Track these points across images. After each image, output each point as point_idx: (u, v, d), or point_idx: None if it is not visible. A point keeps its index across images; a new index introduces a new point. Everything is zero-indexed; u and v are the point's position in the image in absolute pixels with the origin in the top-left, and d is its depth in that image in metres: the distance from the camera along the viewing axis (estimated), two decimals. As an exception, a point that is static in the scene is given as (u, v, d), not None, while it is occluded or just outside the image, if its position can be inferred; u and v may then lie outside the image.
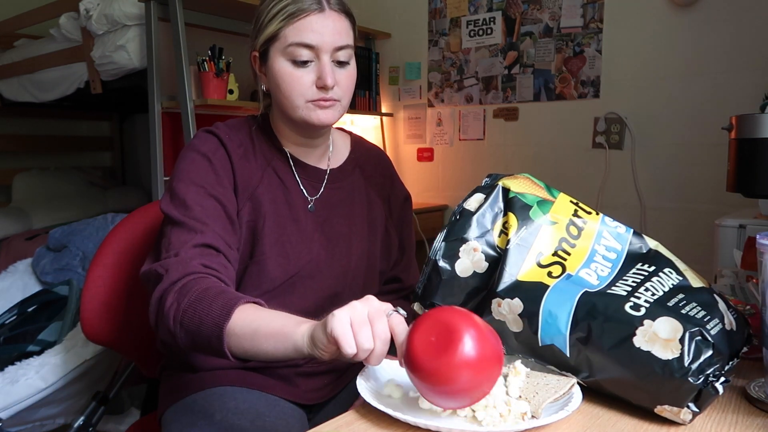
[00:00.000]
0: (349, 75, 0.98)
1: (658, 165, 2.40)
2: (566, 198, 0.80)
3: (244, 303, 0.76)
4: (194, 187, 0.91)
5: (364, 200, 1.10)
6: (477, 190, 0.81)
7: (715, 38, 2.23)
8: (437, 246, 0.77)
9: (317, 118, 0.96)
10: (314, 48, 0.93)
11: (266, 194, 0.98)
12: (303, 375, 1.03)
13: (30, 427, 1.61)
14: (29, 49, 2.74)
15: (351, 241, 1.06)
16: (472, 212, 0.77)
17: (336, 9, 0.95)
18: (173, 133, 2.33)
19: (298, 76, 0.94)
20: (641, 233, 0.80)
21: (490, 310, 0.73)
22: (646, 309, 0.67)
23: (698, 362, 0.62)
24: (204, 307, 0.77)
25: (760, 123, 0.99)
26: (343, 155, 1.12)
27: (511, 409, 0.63)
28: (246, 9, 2.25)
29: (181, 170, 0.94)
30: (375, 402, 0.65)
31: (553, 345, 0.69)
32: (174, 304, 0.79)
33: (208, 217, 0.90)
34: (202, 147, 0.95)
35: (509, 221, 0.75)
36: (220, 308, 0.76)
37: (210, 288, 0.80)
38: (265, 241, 0.96)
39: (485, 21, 2.80)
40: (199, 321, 0.77)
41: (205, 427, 0.91)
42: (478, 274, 0.75)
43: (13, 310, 1.87)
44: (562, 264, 0.74)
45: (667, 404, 0.64)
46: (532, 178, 0.82)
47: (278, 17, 0.93)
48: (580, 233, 0.77)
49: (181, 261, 0.84)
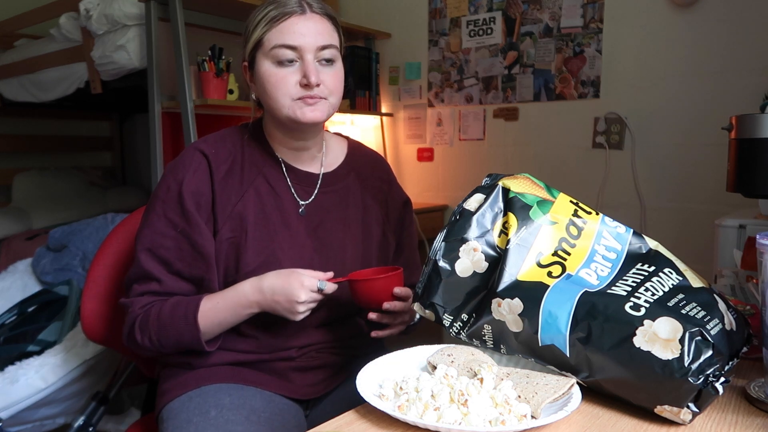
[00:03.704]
0: (335, 74, 0.99)
1: (658, 165, 2.40)
2: (566, 198, 0.80)
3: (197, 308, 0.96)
4: (164, 220, 0.99)
5: (360, 204, 1.11)
6: (477, 190, 0.81)
7: (715, 38, 2.23)
8: (437, 246, 0.77)
9: (304, 116, 0.97)
10: (297, 48, 0.95)
11: (250, 207, 1.01)
12: (298, 370, 1.04)
13: (30, 427, 1.61)
14: (29, 49, 2.74)
15: (345, 245, 1.07)
16: (472, 212, 0.77)
17: (317, 11, 0.97)
18: (173, 133, 2.33)
19: (282, 76, 0.96)
20: (641, 233, 0.80)
21: (490, 310, 0.73)
22: (646, 309, 0.67)
23: (698, 362, 0.62)
24: (172, 332, 0.96)
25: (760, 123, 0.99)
26: (338, 159, 1.12)
27: (511, 409, 0.63)
28: (246, 9, 2.25)
29: (157, 195, 1.01)
30: (375, 402, 0.65)
31: (553, 345, 0.69)
32: (144, 339, 0.98)
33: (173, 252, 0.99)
34: (180, 174, 1.00)
35: (509, 221, 0.75)
36: (185, 324, 0.95)
37: (161, 314, 0.97)
38: (249, 252, 0.99)
39: (485, 21, 2.80)
40: (176, 340, 0.97)
41: (200, 424, 0.92)
42: (478, 274, 0.75)
43: (13, 310, 1.87)
44: (562, 264, 0.74)
45: (667, 404, 0.64)
46: (532, 178, 0.82)
47: (262, 23, 0.96)
48: (580, 233, 0.77)
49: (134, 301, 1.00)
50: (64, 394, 1.57)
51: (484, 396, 0.65)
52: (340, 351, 1.08)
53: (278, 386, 1.02)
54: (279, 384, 1.03)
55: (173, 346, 0.98)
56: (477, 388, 0.66)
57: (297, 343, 1.03)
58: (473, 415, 0.62)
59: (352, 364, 1.09)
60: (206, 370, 1.01)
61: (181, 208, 0.98)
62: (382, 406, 0.65)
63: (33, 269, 2.13)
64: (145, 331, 0.97)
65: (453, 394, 0.65)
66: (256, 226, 1.00)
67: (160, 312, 0.97)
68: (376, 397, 0.68)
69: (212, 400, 0.96)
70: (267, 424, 0.94)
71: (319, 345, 1.06)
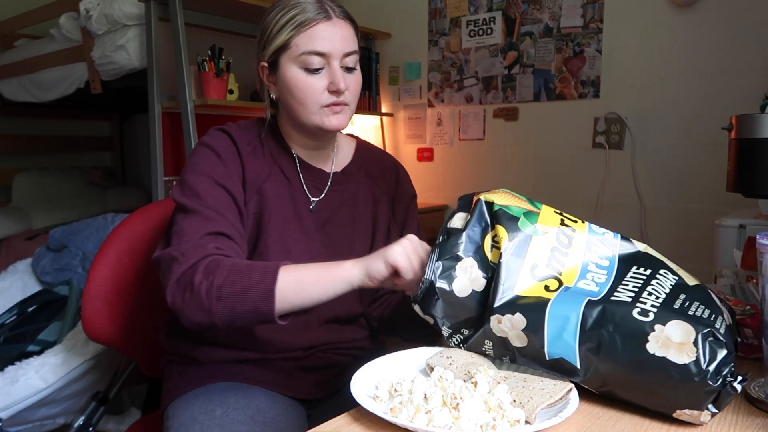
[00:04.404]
0: (357, 79, 1.03)
1: (658, 165, 2.40)
2: (550, 209, 0.79)
3: (283, 264, 0.84)
4: (205, 178, 0.96)
5: (370, 200, 1.13)
6: (457, 210, 0.79)
7: (715, 38, 2.23)
8: (432, 267, 0.74)
9: (330, 123, 1.00)
10: (325, 55, 0.97)
11: (272, 189, 1.02)
12: (303, 370, 1.04)
13: (30, 427, 1.61)
14: (29, 49, 2.74)
15: (354, 242, 1.08)
16: (460, 230, 0.75)
17: (342, 17, 1.00)
18: (173, 133, 2.33)
19: (311, 83, 0.98)
20: (628, 237, 0.79)
21: (490, 327, 0.71)
22: (654, 314, 0.66)
23: (715, 363, 0.62)
24: (242, 278, 0.82)
25: (760, 123, 0.99)
26: (347, 158, 1.14)
27: (505, 414, 0.62)
28: (246, 9, 2.25)
29: (192, 163, 0.98)
30: (367, 404, 0.65)
31: (562, 358, 0.68)
32: (204, 282, 0.83)
33: (220, 206, 0.94)
34: (212, 142, 1.00)
35: (499, 234, 0.74)
36: (262, 274, 0.82)
37: (238, 263, 0.85)
38: (269, 234, 1.00)
39: (485, 21, 2.80)
40: (241, 291, 0.82)
41: (206, 423, 0.92)
42: (476, 292, 0.74)
43: (13, 310, 1.87)
44: (558, 279, 0.73)
45: (686, 408, 0.63)
46: (511, 192, 0.81)
47: (287, 27, 0.97)
48: (570, 242, 0.76)
49: (197, 245, 0.88)
50: (64, 394, 1.57)
51: (477, 400, 0.64)
52: (346, 352, 1.08)
53: (283, 386, 1.03)
54: (284, 383, 1.03)
55: (235, 301, 0.82)
56: (470, 392, 0.65)
57: (304, 344, 1.04)
58: (464, 419, 0.62)
59: (357, 366, 1.09)
60: (212, 368, 1.01)
61: (224, 166, 0.98)
62: (374, 408, 0.64)
63: (33, 269, 2.13)
64: (209, 275, 0.83)
65: (446, 398, 0.64)
66: (275, 210, 1.01)
67: (237, 262, 0.86)
68: (370, 399, 0.68)
69: (218, 398, 0.96)
70: (272, 424, 0.94)
71: (325, 346, 1.06)
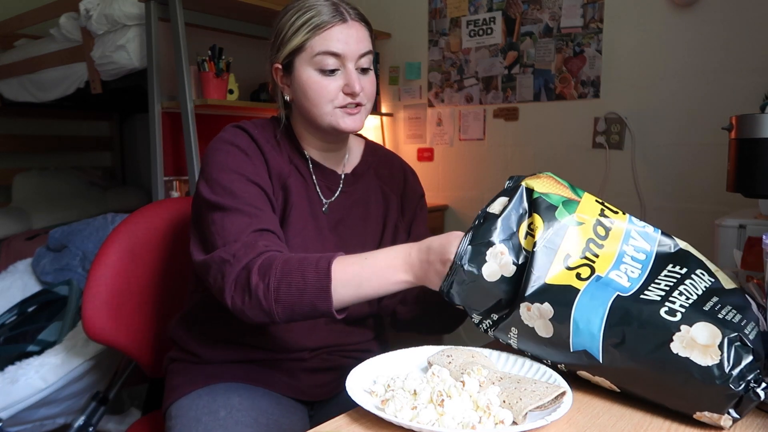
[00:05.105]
0: (371, 81, 1.03)
1: (658, 165, 2.40)
2: (591, 198, 0.77)
3: (333, 259, 0.82)
4: (236, 176, 0.94)
5: (381, 198, 1.13)
6: (500, 194, 0.77)
7: (715, 38, 2.23)
8: (462, 250, 0.73)
9: (345, 124, 1.00)
10: (340, 56, 0.97)
11: (294, 187, 1.02)
12: (308, 371, 1.04)
13: (30, 427, 1.61)
14: (29, 49, 2.74)
15: (365, 243, 1.08)
16: (496, 215, 0.74)
17: (357, 19, 1.00)
18: (173, 133, 2.33)
19: (326, 84, 0.98)
20: (670, 234, 0.78)
21: (519, 315, 0.71)
22: (682, 314, 0.65)
23: (739, 368, 0.61)
24: (296, 278, 0.81)
25: (760, 123, 0.99)
26: (356, 159, 1.15)
27: (491, 414, 0.62)
28: (246, 9, 2.25)
29: (217, 161, 0.96)
30: (359, 397, 0.65)
31: (586, 350, 0.68)
32: (260, 284, 0.82)
33: (258, 202, 0.93)
34: (234, 139, 0.98)
35: (535, 222, 0.73)
36: (314, 272, 0.81)
37: (289, 259, 0.83)
38: (291, 228, 1.00)
39: (485, 21, 2.80)
40: (298, 293, 0.81)
41: (209, 424, 0.92)
42: (506, 278, 0.73)
43: (13, 310, 1.87)
44: (591, 266, 0.72)
45: (707, 411, 0.63)
46: (555, 177, 0.79)
47: (303, 29, 0.97)
48: (607, 234, 0.74)
49: (246, 245, 0.86)
50: (64, 394, 1.57)
51: (465, 399, 0.64)
52: (351, 354, 1.08)
53: (287, 387, 1.03)
54: (287, 384, 1.03)
55: (293, 302, 0.82)
56: (458, 391, 0.65)
57: (310, 345, 1.03)
58: (448, 416, 0.62)
59: None
60: (215, 368, 1.01)
61: (251, 162, 0.96)
62: (364, 401, 0.64)
63: (33, 269, 2.13)
64: (264, 276, 0.82)
65: (433, 395, 0.65)
66: (296, 206, 1.01)
67: (288, 258, 0.84)
68: (365, 393, 0.68)
69: (221, 399, 0.96)
70: (276, 426, 0.94)
71: (330, 347, 1.06)
